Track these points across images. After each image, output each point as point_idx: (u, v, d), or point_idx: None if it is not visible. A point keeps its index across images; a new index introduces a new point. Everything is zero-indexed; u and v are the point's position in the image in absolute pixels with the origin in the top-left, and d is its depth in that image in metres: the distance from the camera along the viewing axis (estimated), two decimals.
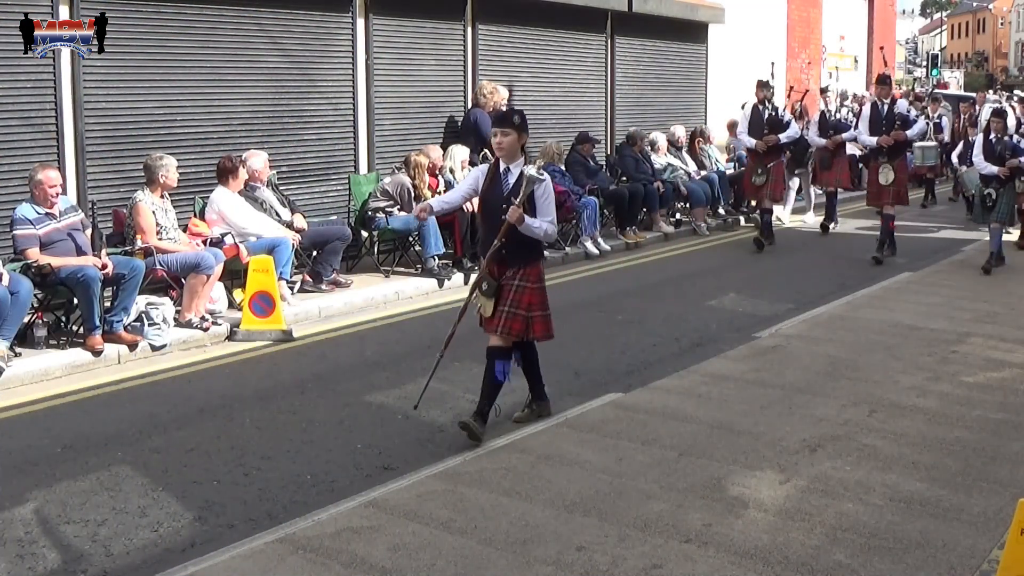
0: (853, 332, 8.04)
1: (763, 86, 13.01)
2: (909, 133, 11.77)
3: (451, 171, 11.28)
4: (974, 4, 77.77)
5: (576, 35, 14.73)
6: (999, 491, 4.81)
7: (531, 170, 5.61)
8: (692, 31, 17.36)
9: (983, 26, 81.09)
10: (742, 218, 15.01)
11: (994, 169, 10.99)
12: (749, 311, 9.27)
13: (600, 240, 12.36)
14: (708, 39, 17.76)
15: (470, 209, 10.70)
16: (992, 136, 11.24)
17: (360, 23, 11.32)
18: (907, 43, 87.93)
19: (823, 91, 19.21)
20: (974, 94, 23.74)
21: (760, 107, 12.84)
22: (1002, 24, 77.89)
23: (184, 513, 4.93)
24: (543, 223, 5.76)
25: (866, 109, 12.50)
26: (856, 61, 26.14)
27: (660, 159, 14.43)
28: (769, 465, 5.17)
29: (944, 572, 4.05)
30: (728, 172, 15.25)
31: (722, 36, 17.90)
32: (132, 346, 7.72)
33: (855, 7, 25.78)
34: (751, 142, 12.69)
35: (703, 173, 14.75)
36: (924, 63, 46.06)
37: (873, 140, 11.90)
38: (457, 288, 10.30)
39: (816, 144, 14.33)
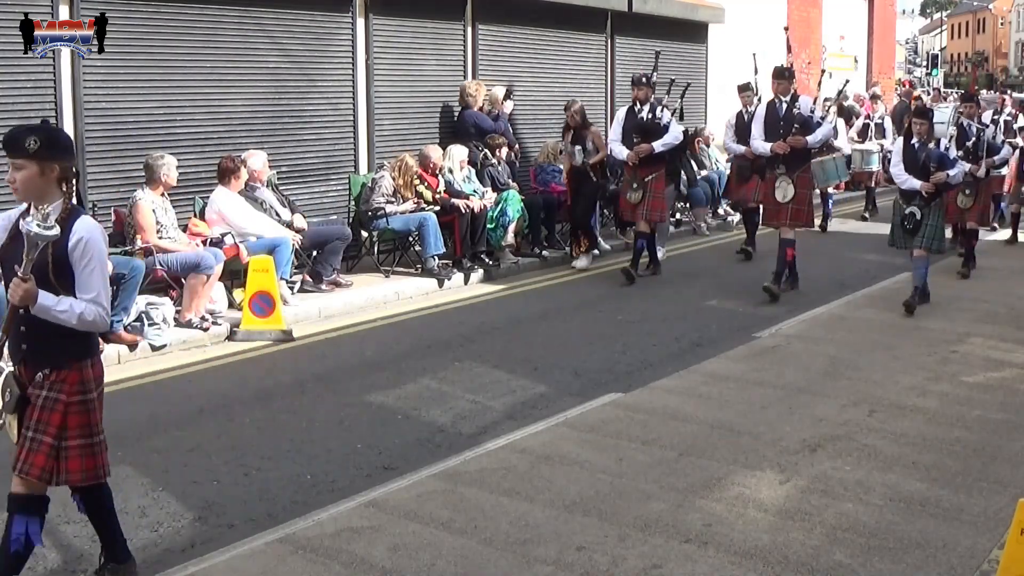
0: (853, 332, 8.05)
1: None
2: (810, 139, 9.72)
3: (450, 171, 11.28)
4: (974, 4, 77.78)
5: (576, 35, 14.73)
6: (999, 491, 4.81)
7: (33, 225, 3.54)
8: (692, 31, 17.35)
9: (983, 26, 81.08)
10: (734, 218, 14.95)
11: (916, 184, 8.76)
12: (749, 311, 9.27)
13: (600, 240, 12.36)
14: (708, 39, 17.75)
15: (470, 208, 10.72)
16: (914, 141, 8.91)
17: (360, 23, 11.31)
18: (907, 43, 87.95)
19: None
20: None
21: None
22: (1002, 24, 77.89)
23: (184, 513, 4.93)
24: (77, 304, 3.69)
25: (760, 109, 10.37)
26: (856, 61, 26.13)
27: None
28: (769, 465, 5.17)
29: (944, 572, 4.05)
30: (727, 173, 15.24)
31: (722, 36, 17.89)
32: (132, 346, 7.72)
33: (855, 7, 25.77)
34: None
35: (703, 173, 14.75)
36: (924, 63, 46.09)
37: (767, 147, 9.82)
38: (457, 288, 10.32)
39: (733, 152, 12.07)
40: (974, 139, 10.70)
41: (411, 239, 10.79)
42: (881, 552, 4.20)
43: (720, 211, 15.03)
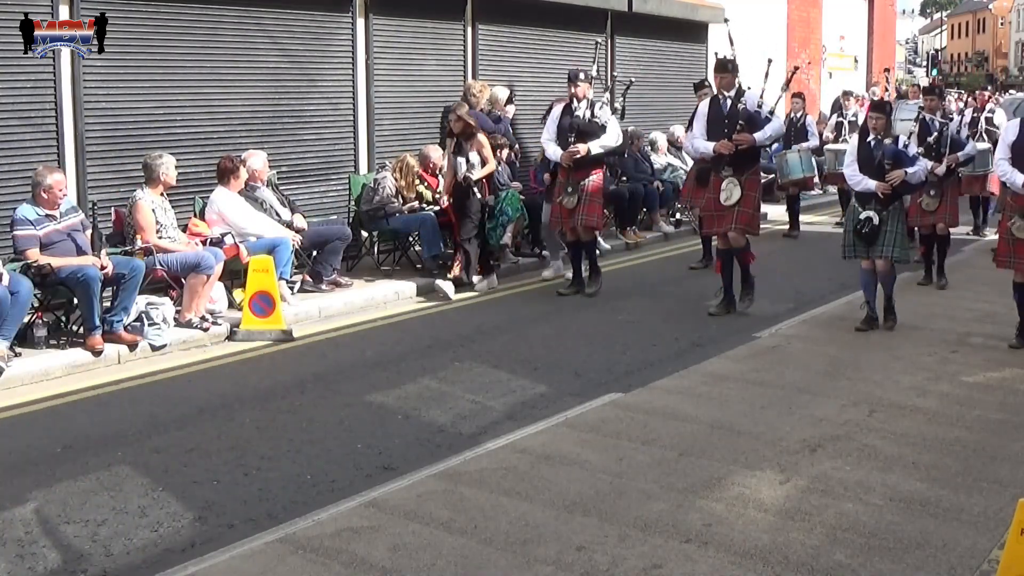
0: (853, 332, 8.05)
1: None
2: (758, 136, 8.83)
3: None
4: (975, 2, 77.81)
5: (576, 35, 14.73)
6: (999, 491, 4.81)
7: None
8: (692, 31, 17.35)
9: (983, 26, 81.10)
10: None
11: (871, 185, 7.92)
12: (749, 311, 9.27)
13: (600, 240, 12.35)
14: (708, 39, 17.75)
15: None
16: (870, 138, 8.11)
17: (360, 23, 11.32)
18: (907, 43, 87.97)
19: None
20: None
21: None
22: (1002, 24, 77.91)
23: (184, 513, 4.93)
24: None
25: (703, 105, 9.38)
26: (856, 61, 26.14)
27: (660, 159, 14.43)
28: (769, 465, 5.17)
29: (944, 572, 4.05)
30: None
31: (722, 36, 17.88)
32: (132, 346, 7.72)
33: (855, 7, 25.79)
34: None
35: None
36: (924, 63, 46.05)
37: (710, 147, 8.92)
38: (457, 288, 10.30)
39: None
40: (936, 134, 9.90)
41: (411, 239, 10.79)
42: (881, 552, 4.20)
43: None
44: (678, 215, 14.53)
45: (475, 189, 9.90)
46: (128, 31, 9.13)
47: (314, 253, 9.78)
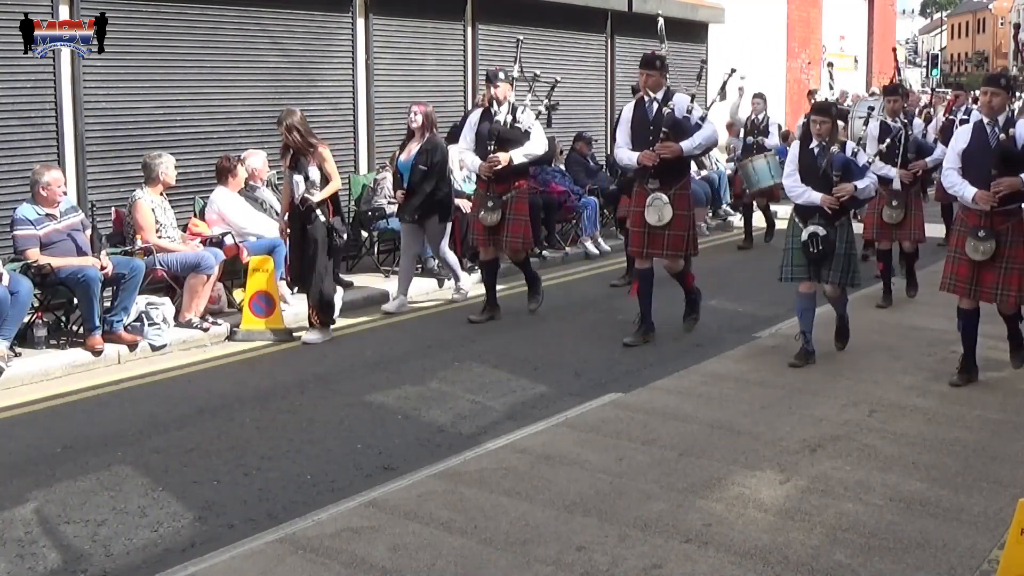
0: (853, 332, 8.03)
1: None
2: (685, 146, 7.62)
3: (450, 172, 11.27)
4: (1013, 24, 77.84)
5: (576, 35, 14.73)
6: (999, 491, 4.81)
7: None
8: (692, 31, 17.35)
9: (983, 26, 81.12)
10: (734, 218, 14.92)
11: (815, 198, 6.96)
12: (749, 311, 9.27)
13: (600, 240, 12.36)
14: (708, 39, 17.75)
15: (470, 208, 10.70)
16: (813, 145, 7.08)
17: (360, 23, 11.32)
18: (907, 43, 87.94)
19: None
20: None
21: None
22: (1002, 24, 77.89)
23: (184, 513, 4.93)
24: None
25: (627, 110, 8.13)
26: (856, 61, 26.14)
27: None
28: (769, 465, 5.17)
29: (944, 572, 4.05)
30: (727, 173, 15.24)
31: (722, 36, 17.90)
32: (132, 346, 7.72)
33: (855, 7, 25.78)
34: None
35: (703, 173, 14.76)
36: (924, 63, 46.03)
37: (634, 157, 7.72)
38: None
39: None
40: (894, 137, 8.83)
41: None
42: (881, 552, 4.20)
43: (720, 211, 15.04)
44: None
45: (318, 212, 8.09)
46: (128, 31, 9.13)
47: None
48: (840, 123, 9.01)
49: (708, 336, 8.35)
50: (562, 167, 12.55)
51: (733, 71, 8.23)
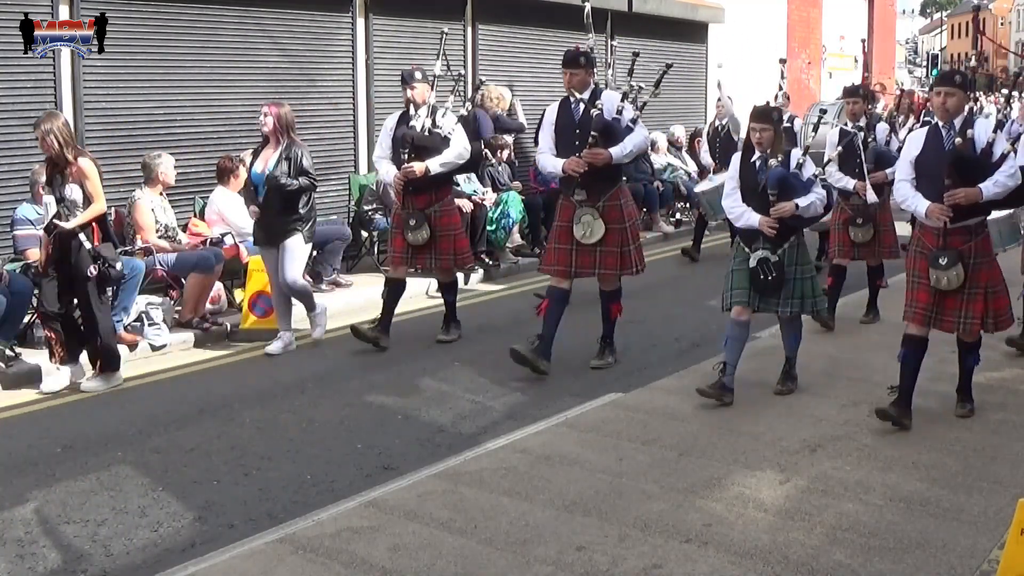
0: (853, 332, 8.04)
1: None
2: (614, 152, 6.74)
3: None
4: (973, 3, 77.90)
5: (576, 35, 14.66)
6: (999, 491, 4.81)
7: None
8: (692, 31, 17.36)
9: (983, 26, 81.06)
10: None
11: (752, 220, 6.08)
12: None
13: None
14: (708, 39, 17.76)
15: (470, 208, 10.71)
16: (755, 158, 6.17)
17: (360, 23, 11.32)
18: (907, 43, 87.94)
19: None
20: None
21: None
22: (1002, 24, 77.92)
23: (184, 513, 4.93)
24: None
25: (550, 111, 7.20)
26: (856, 61, 26.13)
27: (660, 159, 14.42)
28: (769, 465, 5.17)
29: (944, 572, 4.05)
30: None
31: (722, 36, 17.90)
32: (132, 346, 7.72)
33: (855, 7, 25.78)
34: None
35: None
36: (924, 63, 45.98)
37: (558, 165, 6.91)
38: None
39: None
40: (847, 144, 7.77)
41: None
42: (881, 552, 4.20)
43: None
44: (678, 215, 14.53)
45: (82, 239, 6.78)
46: (128, 31, 9.13)
47: (314, 253, 9.77)
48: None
49: (708, 336, 8.34)
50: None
51: (670, 66, 7.63)
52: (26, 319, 7.45)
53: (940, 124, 5.72)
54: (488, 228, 11.16)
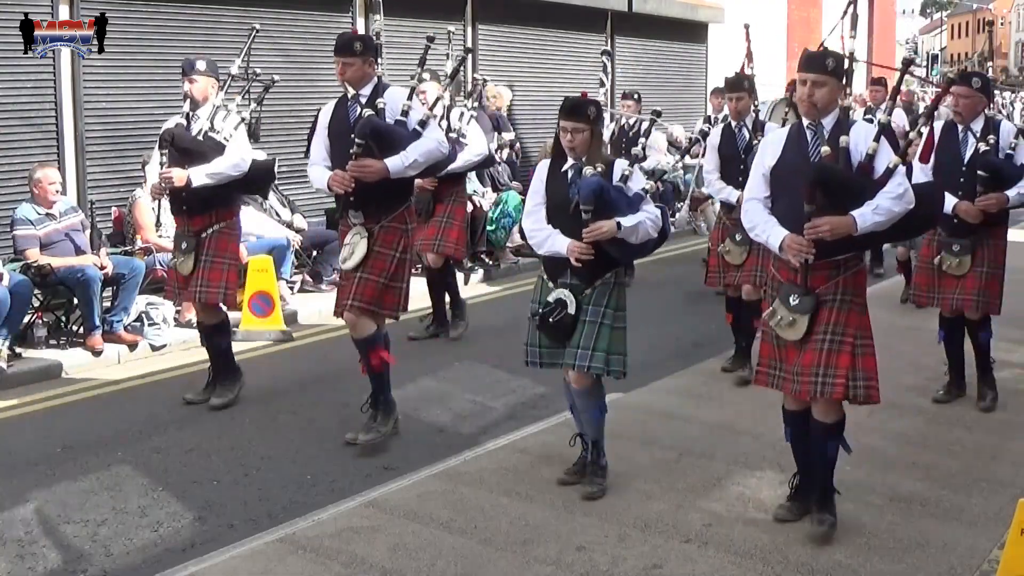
0: None
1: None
2: (392, 164, 5.39)
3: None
4: (973, 6, 77.82)
5: (576, 35, 14.73)
6: (999, 491, 4.81)
7: None
8: (692, 31, 17.37)
9: (983, 26, 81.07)
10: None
11: (559, 246, 4.67)
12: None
13: None
14: (708, 39, 17.77)
15: (470, 209, 10.70)
16: (567, 166, 4.74)
17: (360, 23, 11.32)
18: (907, 43, 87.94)
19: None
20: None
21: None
22: (1002, 24, 77.92)
23: (184, 513, 4.93)
24: None
25: (324, 112, 5.88)
26: (856, 61, 26.14)
27: (659, 158, 14.39)
28: (769, 465, 5.17)
29: (944, 572, 4.05)
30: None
31: (722, 36, 17.90)
32: (132, 346, 7.72)
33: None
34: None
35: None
36: (924, 63, 45.99)
37: (324, 178, 5.61)
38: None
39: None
40: (705, 143, 6.85)
41: None
42: (881, 552, 4.20)
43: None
44: (677, 215, 14.50)
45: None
46: (128, 31, 9.14)
47: (314, 253, 9.77)
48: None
49: (708, 336, 8.34)
50: None
51: (469, 51, 6.39)
52: (26, 319, 7.44)
53: (805, 123, 4.29)
54: (488, 228, 11.16)
